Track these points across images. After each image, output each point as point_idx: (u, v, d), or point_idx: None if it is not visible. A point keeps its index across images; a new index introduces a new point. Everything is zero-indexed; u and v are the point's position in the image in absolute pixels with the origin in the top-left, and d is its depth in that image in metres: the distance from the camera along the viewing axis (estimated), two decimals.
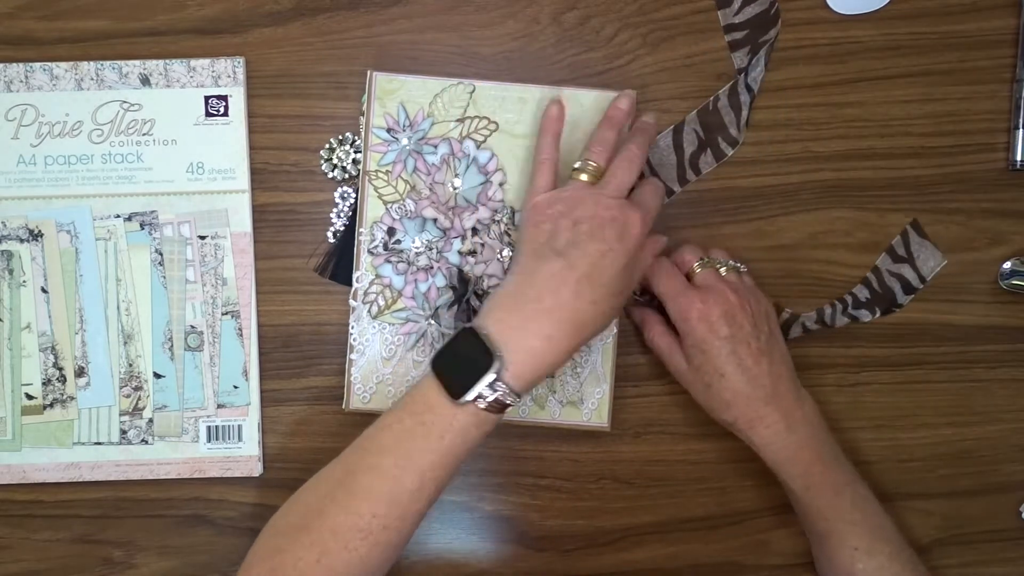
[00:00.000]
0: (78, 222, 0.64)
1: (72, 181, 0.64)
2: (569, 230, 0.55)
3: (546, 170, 0.59)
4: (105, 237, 0.65)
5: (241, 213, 0.65)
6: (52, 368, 0.65)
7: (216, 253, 0.65)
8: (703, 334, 0.59)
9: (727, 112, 0.66)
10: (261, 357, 0.66)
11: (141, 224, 0.65)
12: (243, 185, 0.65)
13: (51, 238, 0.64)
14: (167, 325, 0.65)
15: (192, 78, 0.64)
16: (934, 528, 0.68)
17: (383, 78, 0.63)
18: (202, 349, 0.65)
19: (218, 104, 0.64)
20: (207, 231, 0.65)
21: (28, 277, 0.64)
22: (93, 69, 0.64)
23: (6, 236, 0.64)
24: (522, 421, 0.64)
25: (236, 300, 0.65)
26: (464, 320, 0.63)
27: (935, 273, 0.67)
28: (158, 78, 0.64)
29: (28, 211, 0.64)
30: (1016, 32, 0.67)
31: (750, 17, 0.65)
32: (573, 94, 0.64)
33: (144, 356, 0.65)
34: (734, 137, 0.66)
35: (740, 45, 0.66)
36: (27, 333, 0.64)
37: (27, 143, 0.64)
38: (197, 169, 0.65)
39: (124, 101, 0.64)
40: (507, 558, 0.68)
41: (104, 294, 0.64)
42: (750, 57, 0.65)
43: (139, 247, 0.65)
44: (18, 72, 0.64)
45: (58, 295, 0.64)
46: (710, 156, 0.66)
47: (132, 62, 0.64)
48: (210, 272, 0.65)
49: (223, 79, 0.64)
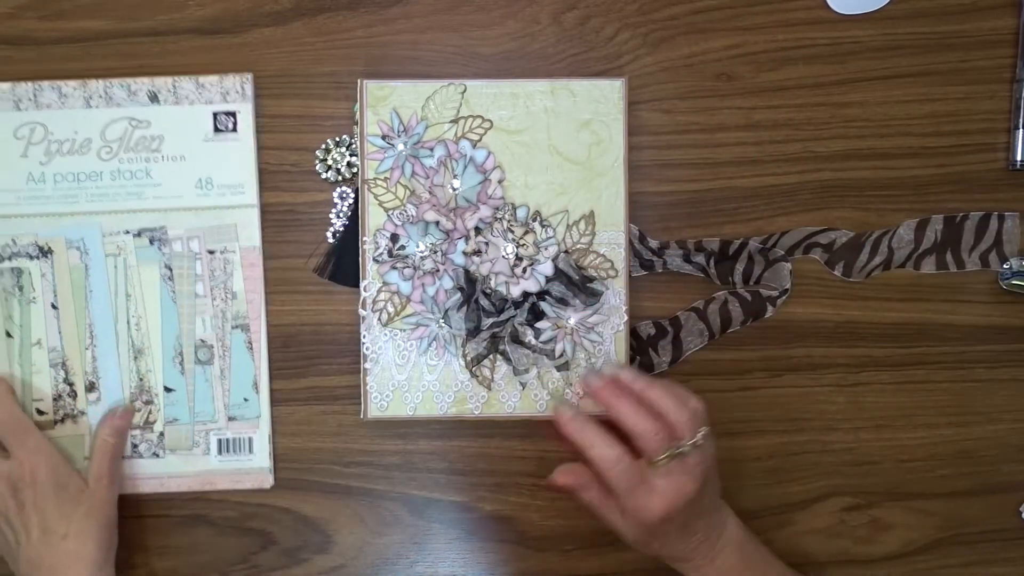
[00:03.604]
0: (88, 238, 0.64)
1: (81, 198, 0.64)
2: None
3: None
4: (115, 253, 0.65)
5: (250, 227, 0.65)
6: (63, 383, 0.65)
7: (225, 267, 0.65)
8: (654, 526, 0.57)
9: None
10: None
11: (150, 240, 0.65)
12: (252, 200, 0.65)
13: (61, 255, 0.64)
14: (177, 339, 0.65)
15: (201, 95, 0.64)
16: (934, 528, 0.68)
17: (373, 85, 0.63)
18: (212, 363, 0.65)
19: (227, 120, 0.64)
20: (216, 245, 0.65)
21: (38, 293, 0.64)
22: (102, 87, 0.64)
23: (16, 253, 0.64)
24: (541, 416, 0.64)
25: (246, 313, 0.65)
26: (474, 320, 0.63)
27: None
28: (167, 95, 0.64)
29: (38, 228, 0.65)
30: (1016, 32, 0.67)
31: None
32: (565, 85, 0.64)
33: (154, 370, 0.65)
34: None
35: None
36: (37, 349, 0.64)
37: (36, 161, 0.64)
38: (206, 184, 0.65)
39: (133, 118, 0.64)
40: (507, 558, 0.68)
41: (114, 309, 0.65)
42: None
43: (149, 262, 0.65)
44: (27, 91, 0.64)
45: (68, 311, 0.64)
46: None
47: (140, 80, 0.64)
48: (219, 286, 0.65)
49: (231, 95, 0.64)
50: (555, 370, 0.64)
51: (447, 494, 0.67)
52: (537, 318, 0.63)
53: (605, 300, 0.64)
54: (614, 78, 0.63)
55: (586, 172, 0.64)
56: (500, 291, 0.63)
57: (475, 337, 0.63)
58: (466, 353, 0.64)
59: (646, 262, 0.67)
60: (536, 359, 0.63)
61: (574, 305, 0.63)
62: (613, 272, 0.64)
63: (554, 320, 0.63)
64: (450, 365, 0.64)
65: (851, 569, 0.67)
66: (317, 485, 0.67)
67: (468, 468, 0.67)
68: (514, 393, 0.64)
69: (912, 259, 0.67)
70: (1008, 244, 0.67)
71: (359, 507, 0.67)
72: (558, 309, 0.63)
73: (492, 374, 0.64)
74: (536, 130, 0.64)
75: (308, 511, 0.67)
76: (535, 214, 0.64)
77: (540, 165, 0.64)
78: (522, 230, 0.63)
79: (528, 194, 0.64)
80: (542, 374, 0.64)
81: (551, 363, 0.63)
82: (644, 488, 0.56)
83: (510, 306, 0.63)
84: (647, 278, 0.67)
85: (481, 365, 0.64)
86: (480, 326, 0.63)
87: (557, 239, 0.63)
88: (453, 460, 0.67)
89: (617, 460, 0.56)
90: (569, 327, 0.63)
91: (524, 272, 0.63)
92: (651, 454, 0.56)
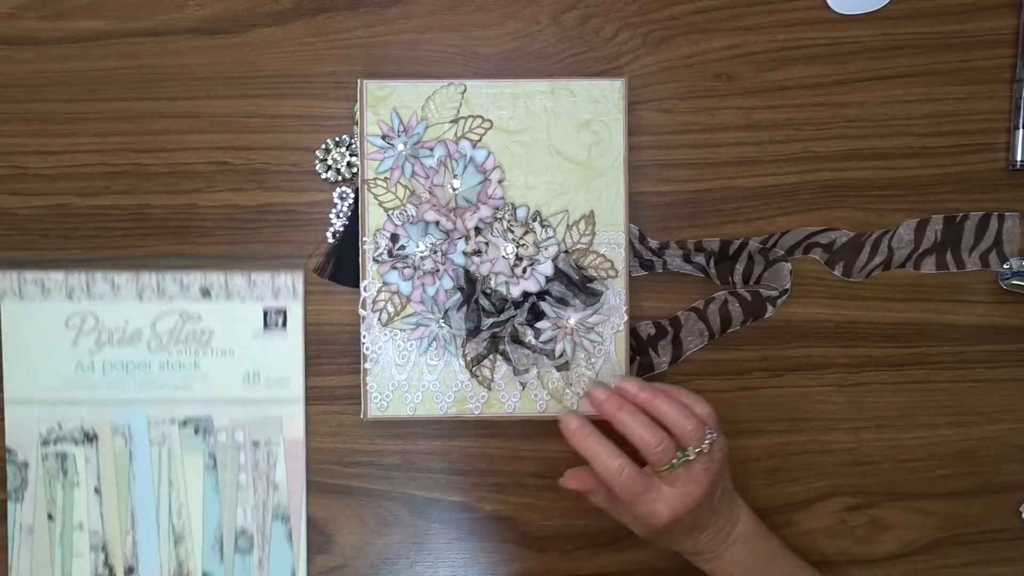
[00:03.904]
0: (133, 425, 0.65)
1: (129, 386, 0.65)
2: None
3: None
4: (159, 441, 0.65)
5: (295, 421, 0.66)
6: (102, 567, 0.65)
7: (268, 459, 0.65)
8: (663, 529, 0.58)
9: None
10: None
11: (196, 429, 0.65)
12: (298, 394, 0.66)
13: (106, 440, 0.65)
14: (218, 527, 0.65)
15: (252, 291, 0.65)
16: (934, 528, 0.68)
17: (373, 85, 0.63)
18: (252, 552, 0.65)
19: (276, 317, 0.65)
20: (261, 437, 0.65)
21: (82, 478, 0.65)
22: (154, 280, 0.65)
23: (62, 438, 0.65)
24: (541, 416, 0.64)
25: (287, 505, 0.65)
26: (474, 320, 0.63)
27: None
28: (218, 290, 0.65)
29: (84, 414, 0.65)
30: (1016, 32, 0.67)
31: None
32: (565, 85, 0.64)
33: (194, 556, 0.65)
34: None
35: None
36: (78, 532, 0.65)
37: (86, 349, 0.65)
38: (253, 378, 0.65)
39: (184, 312, 0.65)
40: (507, 558, 0.68)
41: (156, 496, 0.65)
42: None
43: (193, 451, 0.65)
44: (79, 281, 0.64)
45: (111, 496, 0.65)
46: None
47: (193, 274, 0.65)
48: (262, 477, 0.65)
49: (283, 293, 0.65)
50: (555, 370, 0.64)
51: (447, 494, 0.67)
52: (537, 318, 0.63)
53: (605, 300, 0.64)
54: (614, 78, 0.63)
55: (586, 172, 0.64)
56: (500, 291, 0.63)
57: (475, 337, 0.63)
58: (466, 353, 0.64)
59: (646, 262, 0.67)
60: (536, 359, 0.63)
61: (574, 305, 0.63)
62: (613, 272, 0.64)
63: (554, 320, 0.63)
64: (450, 365, 0.64)
65: (851, 569, 0.67)
66: (317, 485, 0.67)
67: (468, 468, 0.67)
68: (514, 393, 0.64)
69: (912, 259, 0.67)
70: (1008, 244, 0.67)
71: (359, 507, 0.67)
72: (558, 309, 0.63)
73: (492, 374, 0.64)
74: (536, 130, 0.64)
75: (308, 511, 0.67)
76: (535, 214, 0.64)
77: (540, 165, 0.64)
78: (522, 230, 0.63)
79: (528, 194, 0.64)
80: (542, 374, 0.64)
81: (551, 363, 0.63)
82: (651, 496, 0.56)
83: (510, 306, 0.63)
84: (647, 278, 0.67)
85: (481, 365, 0.64)
86: (480, 326, 0.63)
87: (557, 239, 0.63)
88: (453, 460, 0.67)
89: (620, 470, 0.56)
90: (569, 327, 0.63)
91: (524, 272, 0.63)
92: (655, 464, 0.56)
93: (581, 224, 0.64)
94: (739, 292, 0.67)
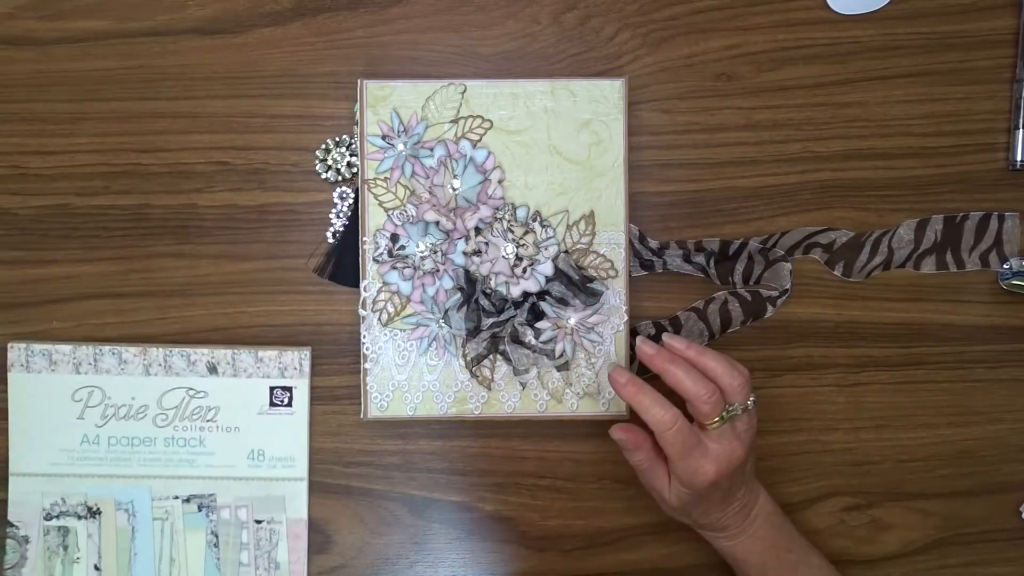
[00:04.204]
0: (136, 501, 0.65)
1: (134, 462, 0.65)
2: None
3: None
4: (162, 517, 0.65)
5: (298, 500, 0.66)
6: None
7: (271, 538, 0.65)
8: (704, 490, 0.58)
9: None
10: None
11: (199, 506, 0.65)
12: (302, 473, 0.66)
13: (109, 516, 0.65)
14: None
15: (259, 368, 0.65)
16: (934, 528, 0.68)
17: (374, 85, 0.63)
18: None
19: (283, 395, 0.65)
20: (264, 515, 0.65)
21: (82, 554, 0.65)
22: (162, 355, 0.65)
23: (64, 512, 0.65)
24: (541, 416, 0.64)
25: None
26: (474, 320, 0.63)
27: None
28: (225, 367, 0.65)
29: (88, 488, 0.65)
30: (1016, 32, 0.67)
31: None
32: (565, 85, 0.64)
33: None
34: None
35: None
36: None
37: (92, 423, 0.65)
38: (258, 456, 0.65)
39: (191, 388, 0.65)
40: (507, 558, 0.68)
41: (157, 573, 0.65)
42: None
43: (195, 528, 0.65)
44: (87, 355, 0.64)
45: (111, 573, 0.65)
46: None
47: (201, 350, 0.65)
48: (264, 555, 0.65)
49: (289, 371, 0.65)
50: (555, 370, 0.64)
51: (447, 494, 0.67)
52: (537, 318, 0.63)
53: (605, 300, 0.64)
54: (614, 78, 0.63)
55: (586, 172, 0.64)
56: (500, 291, 0.63)
57: (475, 337, 0.63)
58: (466, 353, 0.64)
59: (646, 262, 0.67)
60: (536, 359, 0.63)
61: (574, 305, 0.63)
62: (613, 272, 0.64)
63: (554, 320, 0.63)
64: (450, 365, 0.64)
65: (851, 569, 0.67)
66: (317, 485, 0.67)
67: (468, 468, 0.67)
68: (514, 393, 0.64)
69: (912, 259, 0.67)
70: (1008, 244, 0.67)
71: (359, 507, 0.67)
72: (558, 309, 0.63)
73: (492, 374, 0.64)
74: (536, 130, 0.64)
75: (308, 511, 0.67)
76: (535, 214, 0.64)
77: (540, 165, 0.64)
78: (522, 230, 0.63)
79: (528, 194, 0.64)
80: (542, 374, 0.64)
81: (551, 363, 0.63)
82: (699, 451, 0.57)
83: (510, 306, 0.63)
84: (647, 278, 0.67)
85: (481, 365, 0.64)
86: (480, 326, 0.63)
87: (557, 239, 0.63)
88: (453, 460, 0.67)
89: (673, 421, 0.56)
90: (569, 327, 0.63)
91: (524, 272, 0.63)
92: (704, 417, 0.57)
93: (581, 224, 0.64)
94: (739, 292, 0.67)
